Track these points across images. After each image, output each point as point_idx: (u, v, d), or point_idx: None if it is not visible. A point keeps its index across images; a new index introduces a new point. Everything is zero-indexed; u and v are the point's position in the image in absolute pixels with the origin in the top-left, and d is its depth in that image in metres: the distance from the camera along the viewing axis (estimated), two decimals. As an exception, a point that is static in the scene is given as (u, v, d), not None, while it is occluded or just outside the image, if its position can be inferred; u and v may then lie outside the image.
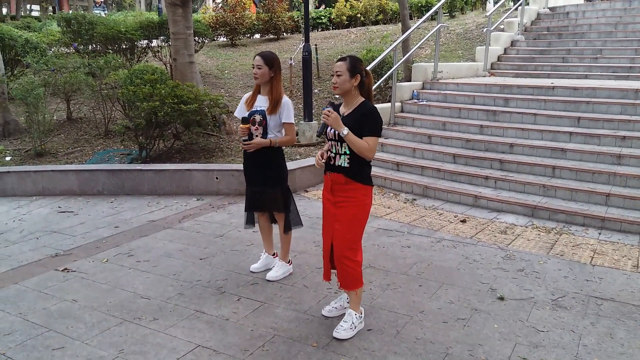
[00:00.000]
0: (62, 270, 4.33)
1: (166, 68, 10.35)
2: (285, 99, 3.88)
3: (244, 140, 3.84)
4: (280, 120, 3.84)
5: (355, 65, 3.15)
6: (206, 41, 12.33)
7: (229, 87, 10.78)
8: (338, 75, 3.13)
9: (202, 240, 4.98)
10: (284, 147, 4.11)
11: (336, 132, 3.14)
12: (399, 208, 5.84)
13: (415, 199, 6.12)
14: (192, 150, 7.73)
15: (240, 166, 6.72)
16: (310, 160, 6.93)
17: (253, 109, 3.87)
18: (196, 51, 10.67)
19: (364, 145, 3.05)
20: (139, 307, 3.68)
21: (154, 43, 11.32)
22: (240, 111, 3.94)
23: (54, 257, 4.64)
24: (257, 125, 3.83)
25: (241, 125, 3.80)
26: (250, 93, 3.96)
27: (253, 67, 3.83)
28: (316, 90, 10.11)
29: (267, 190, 3.95)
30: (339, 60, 3.17)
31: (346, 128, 3.04)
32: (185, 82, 7.94)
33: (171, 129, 7.82)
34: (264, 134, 3.84)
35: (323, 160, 3.26)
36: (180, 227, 5.37)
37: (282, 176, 3.99)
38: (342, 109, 3.25)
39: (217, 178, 6.53)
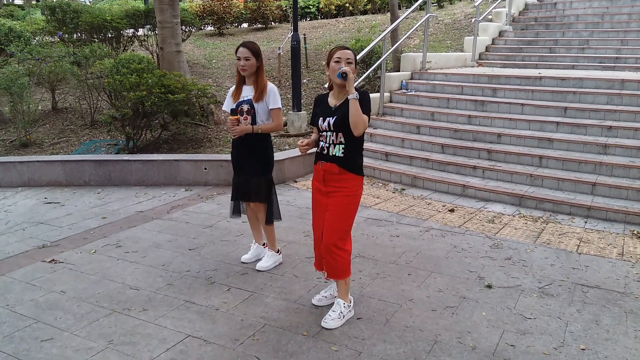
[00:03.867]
0: (50, 262, 4.30)
1: (153, 57, 10.25)
2: (270, 85, 3.89)
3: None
4: (268, 106, 3.85)
5: (356, 56, 3.20)
6: (193, 30, 12.21)
7: (216, 76, 10.70)
8: (349, 63, 3.11)
9: (191, 230, 4.96)
10: (272, 136, 4.11)
11: (330, 123, 3.14)
12: (388, 198, 5.86)
13: (404, 189, 6.15)
14: (180, 140, 7.69)
15: (229, 156, 6.71)
16: (298, 150, 6.90)
17: (240, 100, 3.87)
18: (183, 40, 10.55)
19: (364, 117, 3.04)
20: (128, 298, 3.66)
21: (140, 32, 11.20)
22: (228, 104, 3.94)
23: (41, 249, 4.60)
24: (245, 115, 3.84)
25: (230, 117, 3.79)
26: (234, 87, 3.95)
27: (239, 60, 3.79)
28: (305, 80, 10.07)
29: (252, 180, 3.95)
30: (344, 48, 3.15)
31: (356, 93, 3.03)
32: (173, 71, 7.87)
33: (158, 119, 7.76)
34: (253, 122, 3.84)
35: (304, 145, 3.27)
36: (169, 217, 5.35)
37: (268, 166, 3.99)
38: (331, 101, 3.24)
39: (205, 168, 6.50)
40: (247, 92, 3.88)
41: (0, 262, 4.33)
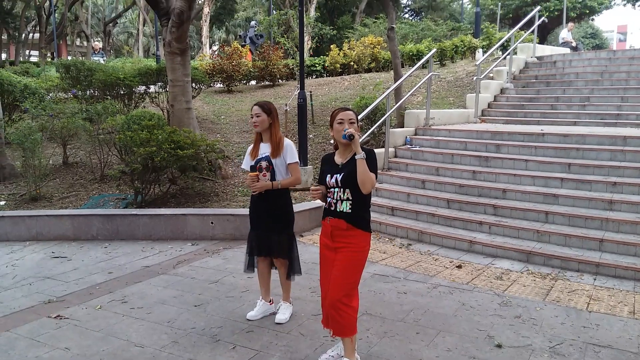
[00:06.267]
0: (55, 317, 4.27)
1: (163, 114, 10.49)
2: (287, 140, 4.06)
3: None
4: (285, 161, 3.99)
5: (357, 116, 3.33)
6: (203, 87, 12.55)
7: (225, 132, 10.92)
8: (351, 123, 3.24)
9: (197, 286, 4.94)
10: (290, 191, 4.20)
11: (337, 179, 3.22)
12: (395, 253, 5.85)
13: (410, 244, 6.14)
14: (188, 194, 7.77)
15: (236, 210, 6.79)
16: (305, 205, 6.97)
17: (258, 157, 4.02)
18: (193, 97, 10.84)
19: (372, 175, 3.13)
20: (133, 355, 3.61)
21: (152, 89, 11.52)
22: (247, 163, 4.11)
23: (47, 304, 4.58)
24: (264, 171, 3.97)
25: (249, 174, 3.94)
26: (252, 145, 4.11)
27: (252, 117, 3.99)
28: (311, 136, 10.24)
29: (272, 236, 4.01)
30: (346, 109, 3.28)
31: (363, 152, 3.13)
32: (182, 127, 8.05)
33: (167, 174, 7.87)
34: (272, 178, 3.97)
35: (317, 190, 3.31)
36: (175, 272, 5.34)
37: (289, 222, 4.09)
38: (337, 159, 3.33)
39: (212, 223, 6.54)
40: (265, 149, 4.03)
41: (6, 318, 4.30)
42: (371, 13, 29.39)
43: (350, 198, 3.22)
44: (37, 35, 30.92)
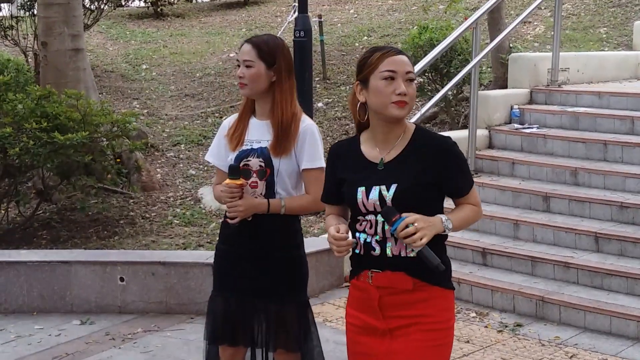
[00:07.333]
0: None
1: (27, 60, 10.54)
2: (307, 121, 3.97)
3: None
4: (299, 164, 3.88)
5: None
6: (106, 8, 12.59)
7: (149, 97, 10.97)
8: (410, 80, 3.08)
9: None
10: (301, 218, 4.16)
11: (386, 196, 3.05)
12: (489, 342, 5.82)
13: (520, 325, 6.11)
14: (75, 222, 7.80)
15: (170, 254, 6.79)
16: (309, 244, 6.85)
17: (244, 148, 3.90)
18: (87, 27, 10.88)
19: (473, 214, 3.17)
20: None
21: (5, 11, 11.57)
22: (219, 152, 4.04)
23: None
24: (255, 179, 3.86)
25: (227, 181, 3.79)
26: (235, 116, 4.04)
27: (237, 66, 3.90)
28: (320, 104, 10.24)
29: (267, 307, 3.93)
30: (397, 52, 3.12)
31: (444, 217, 2.98)
32: (65, 87, 8.05)
33: (34, 181, 7.85)
34: (270, 193, 3.87)
35: (348, 240, 3.11)
36: (48, 380, 5.30)
37: (301, 279, 4.01)
38: (369, 152, 3.17)
39: (122, 279, 6.56)
40: (259, 131, 3.92)
41: None
42: None
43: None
44: None
